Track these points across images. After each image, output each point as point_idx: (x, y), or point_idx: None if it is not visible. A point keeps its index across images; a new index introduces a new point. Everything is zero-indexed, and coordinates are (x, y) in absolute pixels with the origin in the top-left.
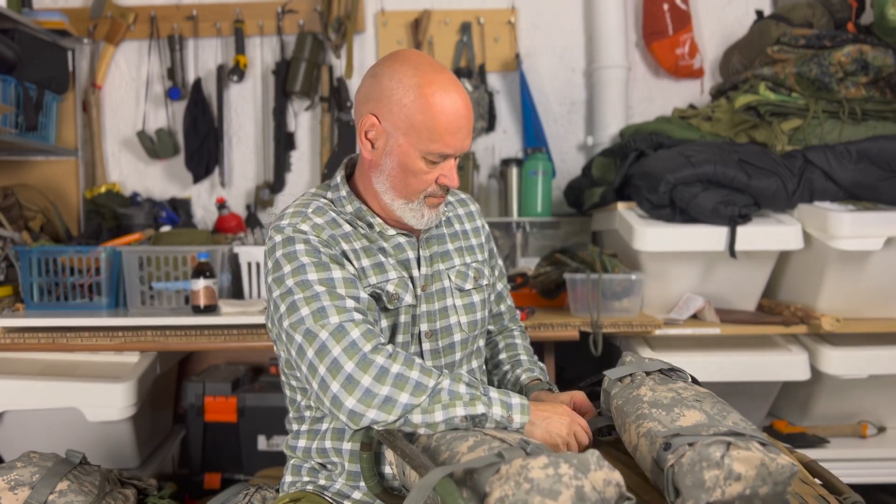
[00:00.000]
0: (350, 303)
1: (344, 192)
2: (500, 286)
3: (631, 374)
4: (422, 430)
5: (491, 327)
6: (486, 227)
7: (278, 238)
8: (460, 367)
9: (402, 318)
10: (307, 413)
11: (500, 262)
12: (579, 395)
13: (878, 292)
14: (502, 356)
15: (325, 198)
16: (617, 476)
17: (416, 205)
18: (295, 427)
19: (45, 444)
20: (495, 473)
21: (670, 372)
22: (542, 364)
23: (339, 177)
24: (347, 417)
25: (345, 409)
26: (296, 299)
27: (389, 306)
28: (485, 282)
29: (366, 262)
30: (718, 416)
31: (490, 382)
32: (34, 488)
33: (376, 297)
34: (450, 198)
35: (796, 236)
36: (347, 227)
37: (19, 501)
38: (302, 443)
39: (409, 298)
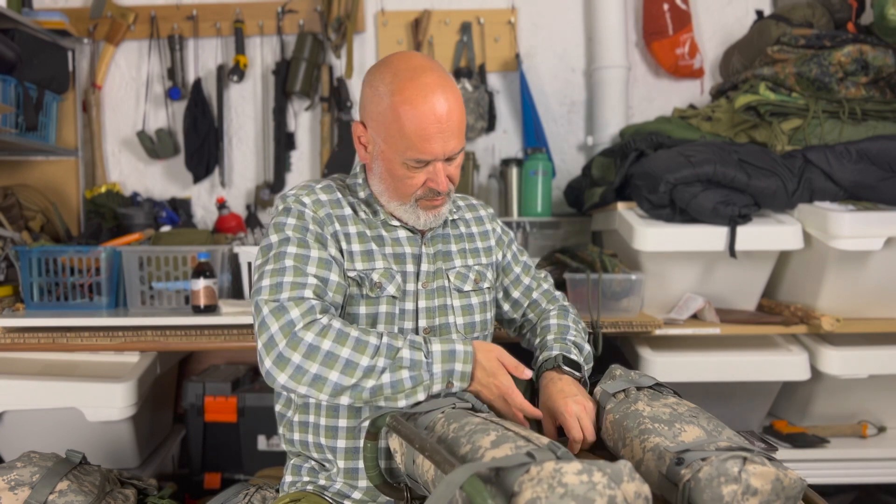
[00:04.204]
0: (311, 280)
1: (361, 178)
2: (527, 280)
3: (625, 389)
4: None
5: (531, 315)
6: (499, 230)
7: (281, 206)
8: None
9: (383, 308)
10: (293, 395)
11: (523, 258)
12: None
13: (878, 292)
14: (536, 342)
15: (342, 181)
16: (647, 490)
17: (410, 207)
18: (280, 408)
19: (45, 444)
20: (525, 473)
21: (658, 387)
22: (573, 339)
23: (358, 166)
24: (282, 389)
25: (277, 385)
26: (265, 270)
27: (371, 294)
28: (486, 285)
29: (356, 247)
30: (714, 431)
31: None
32: (34, 488)
33: (359, 282)
34: (459, 202)
35: (796, 236)
36: (348, 210)
37: (19, 501)
38: (297, 436)
39: (391, 290)
